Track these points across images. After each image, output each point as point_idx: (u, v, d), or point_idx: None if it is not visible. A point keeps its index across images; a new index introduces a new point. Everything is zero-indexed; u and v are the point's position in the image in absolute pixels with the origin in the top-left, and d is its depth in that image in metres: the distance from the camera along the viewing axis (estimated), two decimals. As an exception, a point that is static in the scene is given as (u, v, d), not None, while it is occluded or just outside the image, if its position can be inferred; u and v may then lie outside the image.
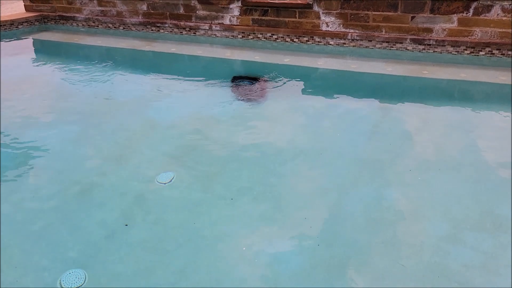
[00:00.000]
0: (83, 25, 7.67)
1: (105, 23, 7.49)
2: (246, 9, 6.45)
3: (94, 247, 2.64)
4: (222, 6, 6.58)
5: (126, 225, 2.83)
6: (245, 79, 5.44)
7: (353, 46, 6.06)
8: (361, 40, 5.99)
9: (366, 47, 6.00)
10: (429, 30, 5.64)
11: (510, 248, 2.55)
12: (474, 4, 5.32)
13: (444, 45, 5.62)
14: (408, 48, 5.80)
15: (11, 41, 7.18)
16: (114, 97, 4.98)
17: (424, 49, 5.73)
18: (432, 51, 5.70)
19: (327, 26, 6.11)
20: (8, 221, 2.88)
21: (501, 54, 5.43)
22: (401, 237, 2.68)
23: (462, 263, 2.47)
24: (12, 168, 3.52)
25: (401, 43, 5.80)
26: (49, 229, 2.82)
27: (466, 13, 5.40)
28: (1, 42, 6.93)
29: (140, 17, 7.22)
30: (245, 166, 3.49)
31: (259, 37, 6.55)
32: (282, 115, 4.38)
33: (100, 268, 2.49)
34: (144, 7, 7.10)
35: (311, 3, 6.04)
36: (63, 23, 7.81)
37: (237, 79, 5.47)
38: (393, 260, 2.50)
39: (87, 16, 7.59)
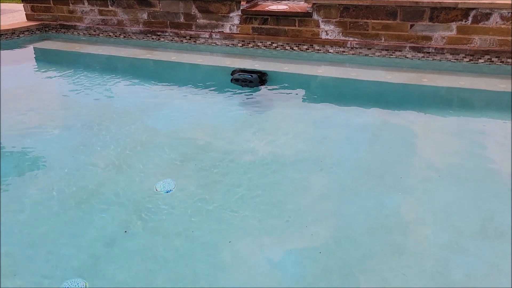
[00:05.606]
0: (84, 33, 7.70)
1: (106, 31, 7.52)
2: (246, 18, 6.49)
3: (94, 256, 2.63)
4: (222, 14, 6.62)
5: (126, 231, 2.82)
6: (244, 73, 5.52)
7: (353, 54, 6.09)
8: (361, 48, 6.01)
9: (366, 55, 6.02)
10: (428, 38, 5.67)
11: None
12: (472, 12, 5.35)
13: (443, 53, 5.64)
14: (407, 56, 5.82)
15: (13, 50, 7.20)
16: (115, 105, 4.99)
17: (423, 57, 5.75)
18: (431, 59, 5.72)
19: (327, 34, 6.14)
20: (8, 229, 2.87)
21: (500, 62, 5.45)
22: (403, 246, 2.67)
23: (464, 272, 2.46)
24: (12, 176, 3.51)
25: (401, 51, 5.82)
26: (49, 238, 2.81)
27: (465, 21, 5.43)
28: (3, 51, 6.95)
29: (140, 25, 7.25)
30: (245, 174, 3.48)
31: (259, 46, 6.57)
32: (282, 123, 4.38)
33: (100, 276, 2.48)
34: (145, 15, 7.14)
35: (310, 11, 6.08)
36: (64, 32, 7.84)
37: (236, 73, 5.57)
38: (394, 269, 2.49)
39: (88, 25, 7.62)
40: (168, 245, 2.73)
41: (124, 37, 7.44)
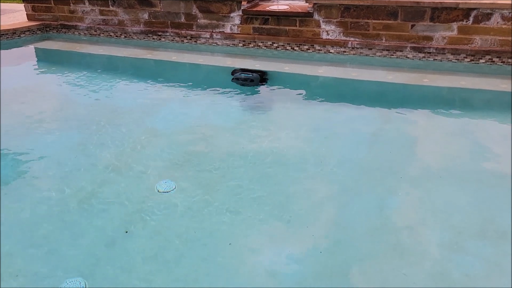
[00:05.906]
0: (84, 34, 7.71)
1: (107, 31, 7.53)
2: (247, 18, 6.49)
3: (94, 256, 2.64)
4: (223, 14, 6.62)
5: (126, 232, 2.82)
6: (245, 72, 5.53)
7: (354, 54, 6.08)
8: (362, 48, 6.01)
9: (367, 55, 6.02)
10: (429, 38, 5.66)
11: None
12: (473, 12, 5.35)
13: (444, 53, 5.64)
14: (408, 56, 5.81)
15: (13, 50, 7.21)
16: (116, 105, 4.99)
17: (424, 57, 5.75)
18: (432, 59, 5.72)
19: (328, 34, 6.14)
20: (9, 229, 2.88)
21: (501, 62, 5.44)
22: (403, 246, 2.67)
23: (464, 272, 2.46)
24: (13, 176, 3.52)
25: (401, 51, 5.82)
26: (50, 238, 2.81)
27: (466, 21, 5.42)
28: (4, 51, 6.96)
29: (141, 25, 7.25)
30: (246, 174, 3.48)
31: (259, 46, 6.57)
32: (283, 123, 4.38)
33: (100, 276, 2.48)
34: (146, 16, 7.14)
35: (311, 11, 6.07)
36: (65, 32, 7.85)
37: (236, 72, 5.57)
38: (395, 268, 2.49)
39: (89, 25, 7.63)
40: (169, 246, 2.73)
41: (125, 37, 7.44)
